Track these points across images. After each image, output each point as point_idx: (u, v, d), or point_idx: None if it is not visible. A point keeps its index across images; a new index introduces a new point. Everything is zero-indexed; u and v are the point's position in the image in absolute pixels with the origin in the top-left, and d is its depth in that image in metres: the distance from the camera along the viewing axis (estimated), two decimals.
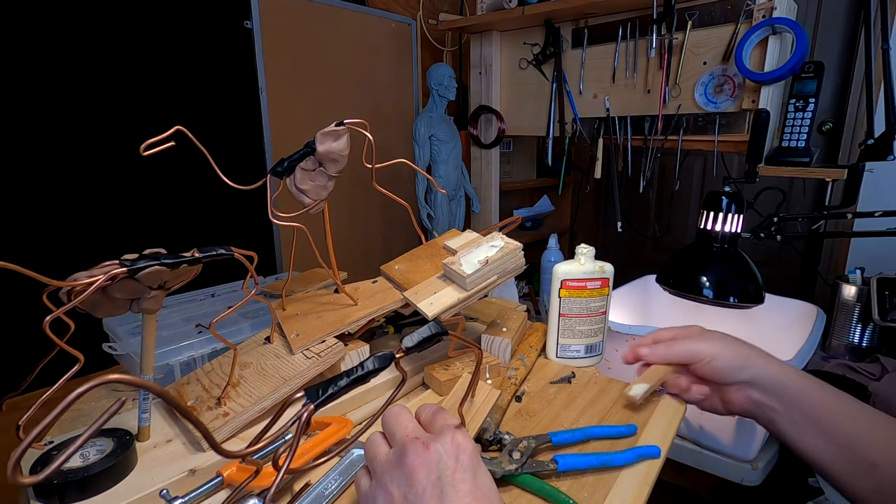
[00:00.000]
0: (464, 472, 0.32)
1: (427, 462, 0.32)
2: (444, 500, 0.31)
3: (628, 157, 1.20)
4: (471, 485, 0.32)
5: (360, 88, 1.50)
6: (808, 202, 1.65)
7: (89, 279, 0.36)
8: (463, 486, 0.31)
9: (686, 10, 1.03)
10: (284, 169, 0.54)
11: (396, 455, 0.33)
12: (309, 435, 0.50)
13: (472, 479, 0.32)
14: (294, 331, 0.56)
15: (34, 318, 0.36)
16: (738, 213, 0.84)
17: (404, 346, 0.39)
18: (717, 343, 0.54)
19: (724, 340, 0.55)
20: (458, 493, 0.31)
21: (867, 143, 0.85)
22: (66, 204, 0.98)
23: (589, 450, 0.48)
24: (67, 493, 0.38)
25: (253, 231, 1.28)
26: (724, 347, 0.54)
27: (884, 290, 1.08)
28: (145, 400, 0.45)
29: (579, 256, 0.64)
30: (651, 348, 0.57)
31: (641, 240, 1.88)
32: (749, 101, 0.99)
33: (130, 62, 1.03)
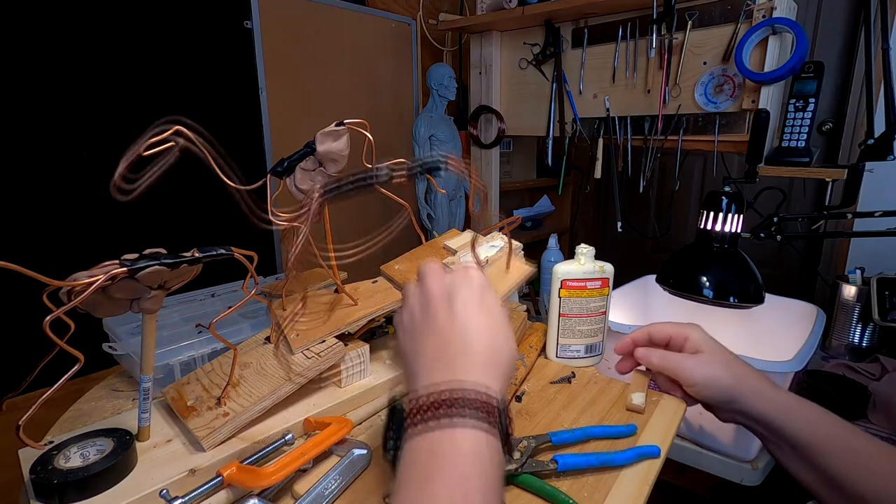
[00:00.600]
0: (471, 293, 0.38)
1: (442, 283, 0.39)
2: (452, 309, 0.37)
3: (628, 157, 1.20)
4: (477, 301, 0.38)
5: (360, 88, 1.50)
6: (808, 202, 1.65)
7: (89, 279, 0.36)
8: (470, 300, 0.38)
9: (686, 10, 1.03)
10: (284, 169, 0.54)
11: (420, 283, 0.41)
12: (309, 435, 0.50)
13: (479, 298, 0.38)
14: (294, 331, 0.56)
15: (34, 318, 0.35)
16: (738, 213, 0.84)
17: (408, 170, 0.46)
18: (708, 369, 0.53)
19: (715, 367, 0.53)
20: (464, 306, 0.37)
21: (867, 143, 0.85)
22: (66, 204, 0.98)
23: (589, 450, 0.48)
24: (67, 493, 0.38)
25: (253, 231, 1.28)
26: (714, 377, 0.52)
27: (884, 290, 1.08)
28: (145, 400, 0.45)
29: (579, 256, 0.64)
30: (645, 352, 0.57)
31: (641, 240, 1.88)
32: (749, 101, 0.99)
33: (131, 62, 1.03)
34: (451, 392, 0.31)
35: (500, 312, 0.38)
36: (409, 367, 0.37)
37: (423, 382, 0.33)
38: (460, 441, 0.30)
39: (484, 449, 0.30)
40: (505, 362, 0.36)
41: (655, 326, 0.59)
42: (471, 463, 0.29)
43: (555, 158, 1.36)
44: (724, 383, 0.52)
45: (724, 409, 0.53)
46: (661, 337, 0.58)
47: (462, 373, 0.33)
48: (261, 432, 0.47)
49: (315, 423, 0.49)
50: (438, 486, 0.28)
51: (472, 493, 0.28)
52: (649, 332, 0.59)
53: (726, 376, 0.52)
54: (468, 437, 0.30)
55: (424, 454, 0.30)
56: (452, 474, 0.28)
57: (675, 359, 0.55)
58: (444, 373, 0.33)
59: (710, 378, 0.52)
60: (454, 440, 0.30)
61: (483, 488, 0.28)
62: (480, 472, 0.29)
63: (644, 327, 0.60)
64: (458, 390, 0.31)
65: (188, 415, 0.47)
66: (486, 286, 0.40)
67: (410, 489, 0.29)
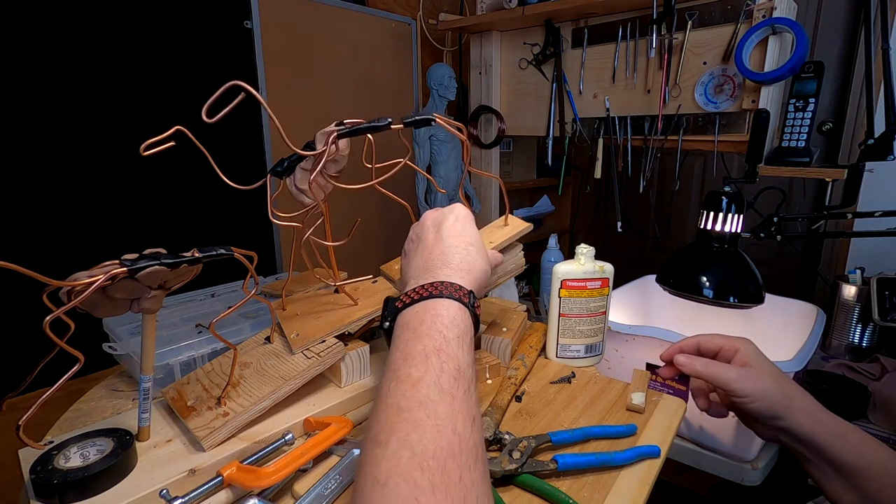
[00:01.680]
0: (455, 221, 0.48)
1: (433, 215, 0.50)
2: (438, 234, 0.47)
3: (628, 157, 1.20)
4: (459, 228, 0.48)
5: (360, 88, 1.49)
6: (808, 202, 1.65)
7: (89, 279, 0.36)
8: (454, 227, 0.47)
9: (686, 10, 1.03)
10: (284, 169, 0.54)
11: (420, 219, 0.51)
12: (309, 435, 0.50)
13: (461, 225, 0.48)
14: (294, 331, 0.56)
15: (34, 318, 0.36)
16: (738, 213, 0.84)
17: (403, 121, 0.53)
18: (758, 383, 0.52)
19: (764, 380, 0.52)
20: (448, 231, 0.47)
21: (867, 143, 0.85)
22: (66, 204, 0.98)
23: (589, 450, 0.48)
24: (67, 493, 0.38)
25: (253, 231, 1.28)
26: (764, 391, 0.51)
27: (884, 290, 1.08)
28: (145, 400, 0.45)
29: (579, 256, 0.64)
30: (690, 360, 0.56)
31: (641, 240, 1.88)
32: (749, 101, 0.99)
33: (131, 62, 1.03)
34: (433, 285, 0.40)
35: (477, 237, 0.48)
36: (403, 278, 0.47)
37: (412, 284, 0.42)
38: (440, 308, 0.39)
39: (455, 312, 0.39)
40: (477, 273, 0.44)
41: (704, 337, 0.58)
42: (448, 324, 0.37)
43: (555, 158, 1.36)
44: (773, 398, 0.51)
45: (768, 425, 0.52)
46: (711, 347, 0.57)
47: (442, 276, 0.42)
48: (261, 432, 0.47)
49: (315, 423, 0.49)
50: (424, 338, 0.36)
51: (450, 342, 0.36)
52: (698, 341, 0.58)
53: (776, 391, 0.51)
54: (445, 305, 0.39)
55: (413, 319, 0.38)
56: (434, 328, 0.37)
57: (723, 368, 0.53)
58: (426, 277, 0.42)
59: (760, 390, 0.51)
60: (435, 307, 0.39)
61: (458, 342, 0.37)
62: (456, 334, 0.37)
63: (693, 337, 0.59)
64: (437, 283, 0.41)
65: (188, 415, 0.47)
66: (468, 218, 0.49)
67: (402, 343, 0.37)
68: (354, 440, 0.48)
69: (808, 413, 0.51)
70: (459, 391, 0.33)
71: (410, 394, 0.32)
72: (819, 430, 0.50)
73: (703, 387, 0.58)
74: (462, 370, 0.35)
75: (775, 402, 0.51)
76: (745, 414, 0.54)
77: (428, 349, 0.35)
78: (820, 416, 0.51)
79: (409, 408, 0.31)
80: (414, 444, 0.29)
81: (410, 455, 0.29)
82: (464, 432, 0.31)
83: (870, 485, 0.47)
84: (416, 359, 0.35)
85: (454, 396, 0.33)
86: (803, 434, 0.50)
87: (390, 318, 0.41)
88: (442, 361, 0.34)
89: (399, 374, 0.34)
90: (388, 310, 0.42)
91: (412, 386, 0.33)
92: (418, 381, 0.33)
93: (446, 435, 0.30)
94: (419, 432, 0.30)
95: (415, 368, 0.34)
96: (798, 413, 0.50)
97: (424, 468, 0.28)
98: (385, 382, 0.35)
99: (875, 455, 0.48)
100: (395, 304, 0.41)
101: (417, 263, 0.45)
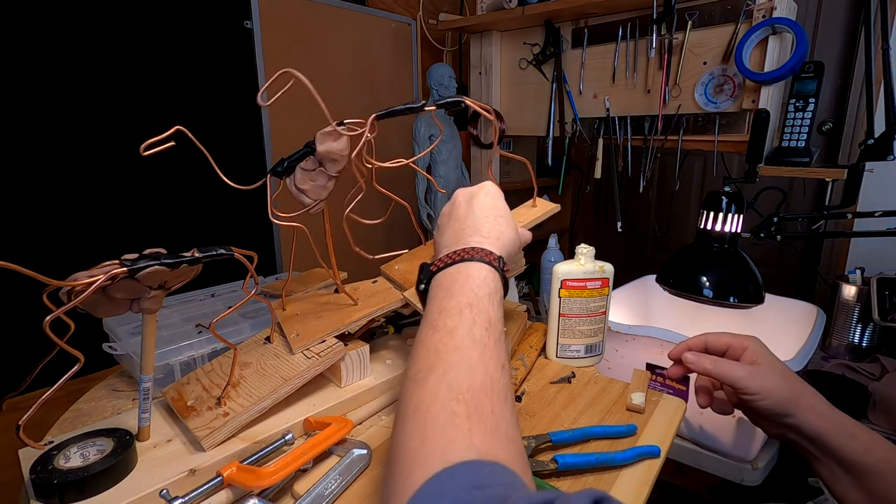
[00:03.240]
0: (485, 195, 0.50)
1: (465, 192, 0.52)
2: (470, 206, 0.49)
3: (628, 157, 1.20)
4: (489, 202, 0.50)
5: (360, 88, 1.49)
6: (808, 202, 1.65)
7: (89, 279, 0.36)
8: (484, 200, 0.50)
9: (686, 10, 1.03)
10: (284, 169, 0.54)
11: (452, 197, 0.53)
12: (309, 435, 0.50)
13: (491, 199, 0.50)
14: (294, 331, 0.56)
15: (34, 318, 0.36)
16: (738, 213, 0.84)
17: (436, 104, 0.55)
18: (768, 381, 0.52)
19: (774, 378, 0.52)
20: (479, 204, 0.49)
21: (867, 143, 0.85)
22: (66, 204, 0.98)
23: (589, 450, 0.48)
24: (67, 493, 0.38)
25: (253, 231, 1.28)
26: (773, 388, 0.51)
27: (884, 290, 1.08)
28: (145, 400, 0.45)
29: (579, 256, 0.64)
30: (698, 357, 0.56)
31: (641, 240, 1.88)
32: (749, 101, 0.99)
33: (131, 62, 1.03)
34: (464, 250, 0.43)
35: (506, 210, 0.51)
36: (436, 248, 0.50)
37: (445, 251, 0.45)
38: (472, 270, 0.41)
39: (489, 277, 0.41)
40: (506, 241, 0.47)
41: (712, 336, 0.58)
42: (479, 283, 0.40)
43: (555, 158, 1.36)
44: (783, 395, 0.51)
45: (776, 423, 0.52)
46: (719, 346, 0.57)
47: (473, 242, 0.45)
48: (261, 432, 0.47)
49: (315, 423, 0.49)
50: (458, 295, 0.39)
51: (482, 299, 0.39)
52: (706, 340, 0.58)
53: (786, 389, 0.52)
54: (477, 268, 0.42)
55: (447, 280, 0.42)
56: (466, 287, 0.40)
57: (732, 366, 0.54)
58: (459, 244, 0.45)
59: (770, 388, 0.51)
60: (469, 269, 0.42)
61: (489, 299, 0.39)
62: (487, 292, 0.40)
63: (700, 335, 0.59)
64: (468, 248, 0.43)
65: (188, 415, 0.47)
66: (498, 193, 0.52)
67: (437, 300, 0.40)
68: (354, 440, 0.48)
69: (816, 411, 0.51)
70: (490, 340, 0.36)
71: (446, 340, 0.36)
72: (828, 428, 0.50)
73: (707, 384, 0.58)
74: (493, 323, 0.38)
75: (785, 400, 0.51)
76: (753, 411, 0.54)
77: (461, 304, 0.38)
78: (829, 414, 0.51)
79: (445, 351, 0.35)
80: (450, 381, 0.33)
81: (447, 389, 0.32)
82: (494, 374, 0.34)
83: (877, 483, 0.47)
84: (451, 312, 0.38)
85: (485, 345, 0.36)
86: (812, 431, 0.50)
87: (426, 280, 0.44)
88: (474, 314, 0.38)
89: (436, 324, 0.38)
90: (423, 273, 0.45)
91: (447, 334, 0.36)
92: (453, 329, 0.36)
93: (479, 375, 0.33)
94: (455, 371, 0.33)
95: (450, 319, 0.37)
96: (807, 410, 0.51)
97: (460, 400, 0.31)
98: (422, 331, 0.39)
99: (883, 454, 0.48)
100: (429, 268, 0.45)
101: (449, 234, 0.48)
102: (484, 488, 0.27)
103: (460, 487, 0.27)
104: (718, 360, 0.55)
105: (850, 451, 0.48)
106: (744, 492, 0.83)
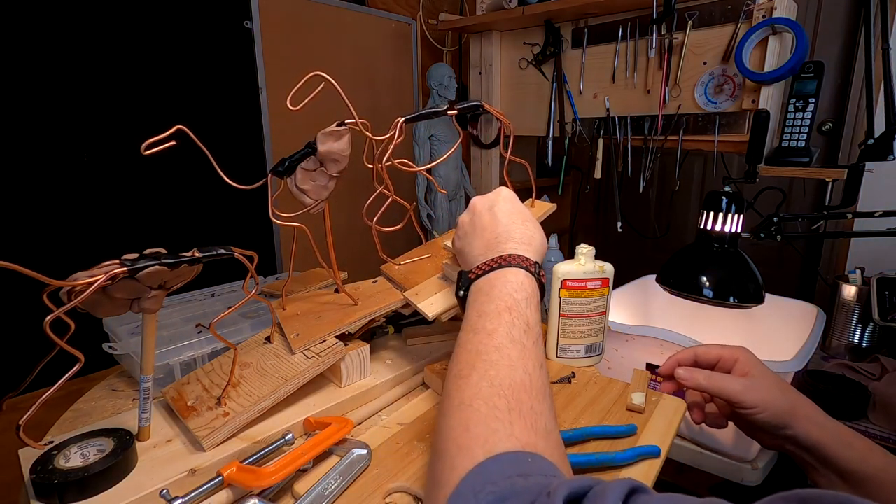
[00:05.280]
0: (505, 202, 0.52)
1: (482, 201, 0.53)
2: (493, 215, 0.50)
3: (628, 157, 1.20)
4: (511, 207, 0.51)
5: (361, 88, 1.49)
6: (808, 202, 1.65)
7: (89, 279, 0.36)
8: (506, 207, 0.51)
9: (686, 10, 1.03)
10: (285, 169, 0.54)
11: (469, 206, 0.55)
12: (309, 435, 0.50)
13: (511, 205, 0.52)
14: (294, 331, 0.56)
15: (34, 318, 0.36)
16: (738, 213, 0.84)
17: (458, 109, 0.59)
18: (764, 394, 0.51)
19: (770, 390, 0.52)
20: (502, 211, 0.50)
21: (867, 143, 0.85)
22: (66, 204, 0.98)
23: (589, 450, 0.48)
24: (67, 493, 0.38)
25: (253, 231, 1.28)
26: (770, 401, 0.51)
27: (884, 290, 1.08)
28: (145, 400, 0.45)
29: (579, 256, 0.64)
30: (690, 373, 0.55)
31: (641, 240, 1.88)
32: (749, 101, 0.99)
33: (131, 62, 1.03)
34: (501, 258, 0.44)
35: (528, 213, 0.52)
36: (466, 257, 0.51)
37: (480, 259, 0.46)
38: (510, 276, 0.43)
39: (526, 282, 0.43)
40: (537, 245, 0.48)
41: (702, 348, 0.57)
42: (517, 287, 0.42)
43: (555, 158, 1.36)
44: (780, 407, 0.51)
45: (774, 435, 0.52)
46: (709, 359, 0.57)
47: (508, 249, 0.46)
48: (261, 432, 0.47)
49: (315, 423, 0.49)
50: (496, 299, 0.41)
51: (520, 303, 0.40)
52: (696, 353, 0.57)
53: (782, 400, 0.51)
54: (514, 273, 0.43)
55: (486, 285, 0.43)
56: (504, 291, 0.41)
57: (727, 380, 0.53)
58: (495, 251, 0.46)
59: (767, 401, 0.51)
60: (506, 275, 0.43)
61: (527, 303, 0.41)
62: (524, 296, 0.41)
63: (689, 348, 0.58)
64: (505, 255, 0.45)
65: (188, 415, 0.47)
66: (514, 197, 0.53)
67: (477, 304, 0.42)
68: (354, 440, 0.48)
69: (813, 421, 0.50)
70: (529, 341, 0.38)
71: (486, 341, 0.37)
72: (825, 438, 0.49)
73: (699, 399, 0.58)
74: (531, 325, 0.39)
75: (782, 412, 0.50)
76: (750, 424, 0.53)
77: (500, 308, 0.40)
78: (825, 424, 0.50)
79: (486, 351, 0.36)
80: (492, 378, 0.34)
81: (489, 385, 0.34)
82: (533, 373, 0.35)
83: (876, 492, 0.47)
84: (490, 315, 0.39)
85: (524, 345, 0.37)
86: (809, 442, 0.50)
87: (465, 287, 0.46)
88: (513, 317, 0.39)
89: (475, 327, 0.39)
90: (462, 281, 0.47)
91: (487, 335, 0.38)
92: (493, 331, 0.38)
93: (518, 374, 0.35)
94: (496, 369, 0.35)
95: (489, 322, 0.39)
96: (804, 421, 0.50)
97: (501, 395, 0.33)
98: (463, 334, 0.40)
99: (881, 462, 0.48)
100: (468, 275, 0.46)
101: (479, 244, 0.49)
102: (526, 476, 0.28)
103: (504, 474, 0.28)
104: (712, 375, 0.54)
105: (847, 460, 0.48)
106: (744, 492, 0.83)
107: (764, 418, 0.51)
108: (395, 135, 0.54)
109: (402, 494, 0.42)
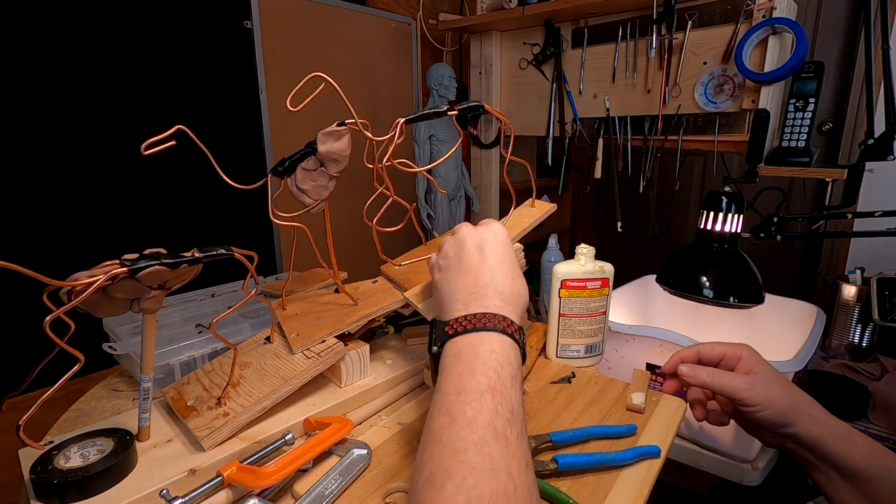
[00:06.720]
0: (497, 244, 0.47)
1: (474, 235, 0.48)
2: (482, 255, 0.46)
3: (628, 157, 1.20)
4: (501, 251, 0.47)
5: (361, 88, 1.49)
6: (808, 202, 1.65)
7: (89, 279, 0.36)
8: (496, 250, 0.47)
9: (686, 11, 1.03)
10: (285, 169, 0.54)
11: (455, 233, 0.50)
12: (309, 435, 0.50)
13: (503, 249, 0.47)
14: (294, 331, 0.56)
15: (34, 318, 0.35)
16: (738, 213, 0.84)
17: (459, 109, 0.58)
18: (767, 392, 0.51)
19: (773, 388, 0.52)
20: (491, 254, 0.46)
21: (867, 143, 0.85)
22: (66, 204, 0.98)
23: (589, 450, 0.48)
24: (67, 493, 0.38)
25: (253, 231, 1.28)
26: (773, 399, 0.51)
27: (884, 290, 1.08)
28: (145, 400, 0.45)
29: (579, 256, 0.64)
30: (694, 370, 0.55)
31: (641, 240, 1.88)
32: (749, 101, 0.99)
33: (131, 62, 1.03)
34: (484, 316, 0.40)
35: (516, 263, 0.48)
36: (444, 297, 0.46)
37: (460, 308, 0.42)
38: (495, 345, 0.38)
39: (509, 350, 0.39)
40: (521, 303, 0.45)
41: (705, 346, 0.57)
42: (503, 361, 0.37)
43: (555, 158, 1.36)
44: (783, 405, 0.51)
45: (775, 433, 0.52)
46: (713, 356, 0.56)
47: (492, 307, 0.41)
48: (261, 432, 0.47)
49: (315, 423, 0.49)
50: (479, 374, 0.36)
51: (505, 382, 0.36)
52: (699, 350, 0.57)
53: (785, 398, 0.51)
54: (497, 339, 0.39)
55: (466, 350, 0.38)
56: (488, 365, 0.37)
57: (730, 377, 0.53)
58: (478, 305, 0.42)
59: (770, 399, 0.51)
60: (490, 343, 0.39)
61: (512, 381, 0.37)
62: (510, 373, 0.37)
63: (692, 346, 0.58)
64: (489, 314, 0.40)
65: (188, 415, 0.47)
66: (507, 240, 0.49)
67: (455, 376, 0.37)
68: (354, 440, 0.48)
69: (815, 418, 0.50)
70: (513, 434, 0.33)
71: (465, 434, 0.32)
72: (826, 436, 0.49)
73: (701, 396, 0.58)
74: (515, 412, 0.35)
75: (785, 409, 0.50)
76: (752, 422, 0.53)
77: (482, 387, 0.35)
78: (827, 421, 0.50)
79: (464, 449, 0.31)
80: (469, 490, 0.29)
81: (466, 500, 0.29)
82: (518, 476, 0.31)
83: (877, 489, 0.47)
84: (471, 395, 0.35)
85: (508, 440, 0.32)
86: (810, 440, 0.50)
87: (439, 343, 0.41)
88: (497, 402, 0.34)
89: (452, 410, 0.34)
90: (437, 333, 0.41)
91: (467, 426, 0.33)
92: (472, 420, 0.33)
93: (501, 480, 0.30)
94: (475, 476, 0.30)
95: (469, 407, 0.34)
96: (806, 419, 0.50)
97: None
98: (438, 417, 0.35)
99: (882, 459, 0.48)
100: (444, 328, 0.41)
101: (462, 286, 0.44)
102: None
103: None
104: (715, 372, 0.54)
105: (848, 457, 0.48)
106: (744, 492, 0.83)
107: (766, 416, 0.51)
108: (395, 136, 0.53)
109: (402, 494, 0.42)
